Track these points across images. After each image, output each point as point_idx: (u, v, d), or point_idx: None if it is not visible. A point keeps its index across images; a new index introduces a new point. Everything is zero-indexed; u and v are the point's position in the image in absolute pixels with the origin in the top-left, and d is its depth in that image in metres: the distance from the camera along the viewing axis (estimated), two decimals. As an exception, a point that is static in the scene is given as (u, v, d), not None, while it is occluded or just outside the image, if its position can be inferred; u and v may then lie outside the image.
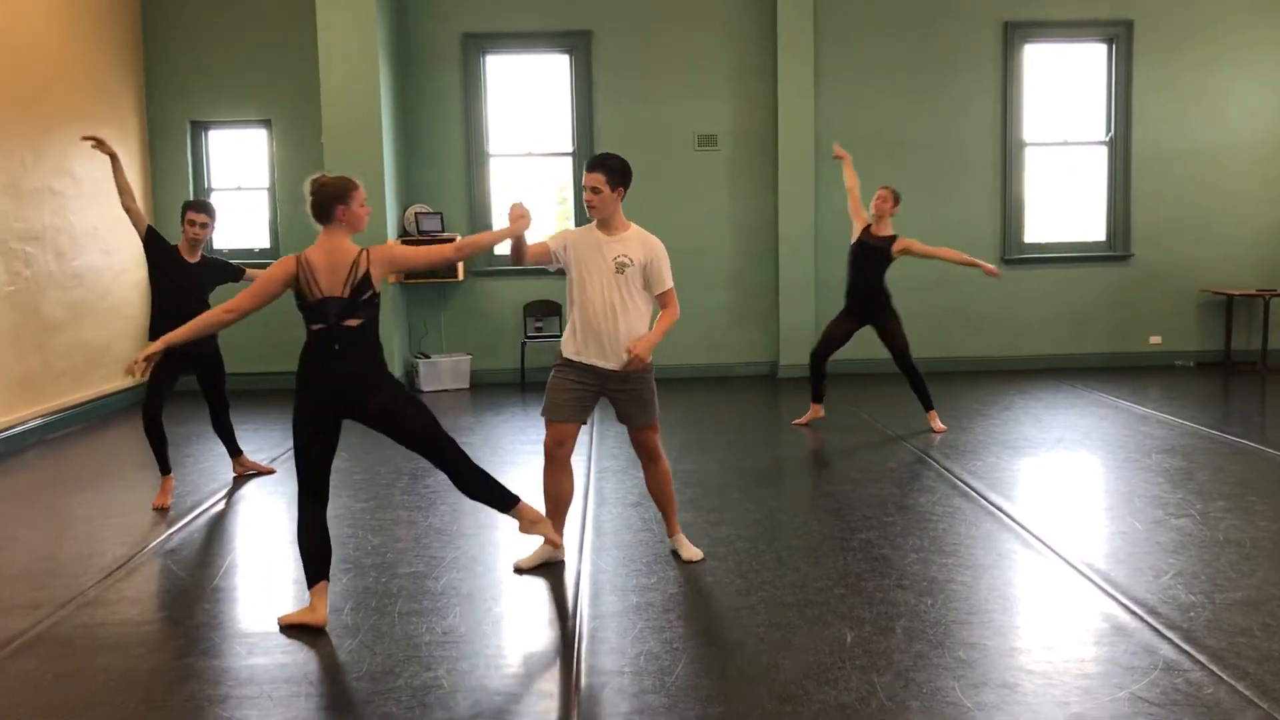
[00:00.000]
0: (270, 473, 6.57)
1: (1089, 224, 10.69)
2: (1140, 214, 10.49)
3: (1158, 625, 3.84)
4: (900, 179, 10.26)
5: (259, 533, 5.52)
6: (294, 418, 4.02)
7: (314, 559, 4.02)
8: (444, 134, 10.23)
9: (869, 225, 7.47)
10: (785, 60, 10.04)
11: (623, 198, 4.57)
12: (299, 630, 3.96)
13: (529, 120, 10.45)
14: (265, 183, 10.25)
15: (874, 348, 10.18)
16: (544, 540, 4.61)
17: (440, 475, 6.40)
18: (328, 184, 4.02)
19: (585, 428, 5.19)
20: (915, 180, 10.28)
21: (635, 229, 4.61)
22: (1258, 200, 10.51)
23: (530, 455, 6.86)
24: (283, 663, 3.69)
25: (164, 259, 6.03)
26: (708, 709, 3.26)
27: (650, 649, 3.74)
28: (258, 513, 5.84)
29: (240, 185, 10.33)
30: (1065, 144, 10.59)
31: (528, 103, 10.45)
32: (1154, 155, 10.41)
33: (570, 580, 4.50)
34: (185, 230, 6.01)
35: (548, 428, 4.58)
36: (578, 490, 5.95)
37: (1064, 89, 10.54)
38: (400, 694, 3.40)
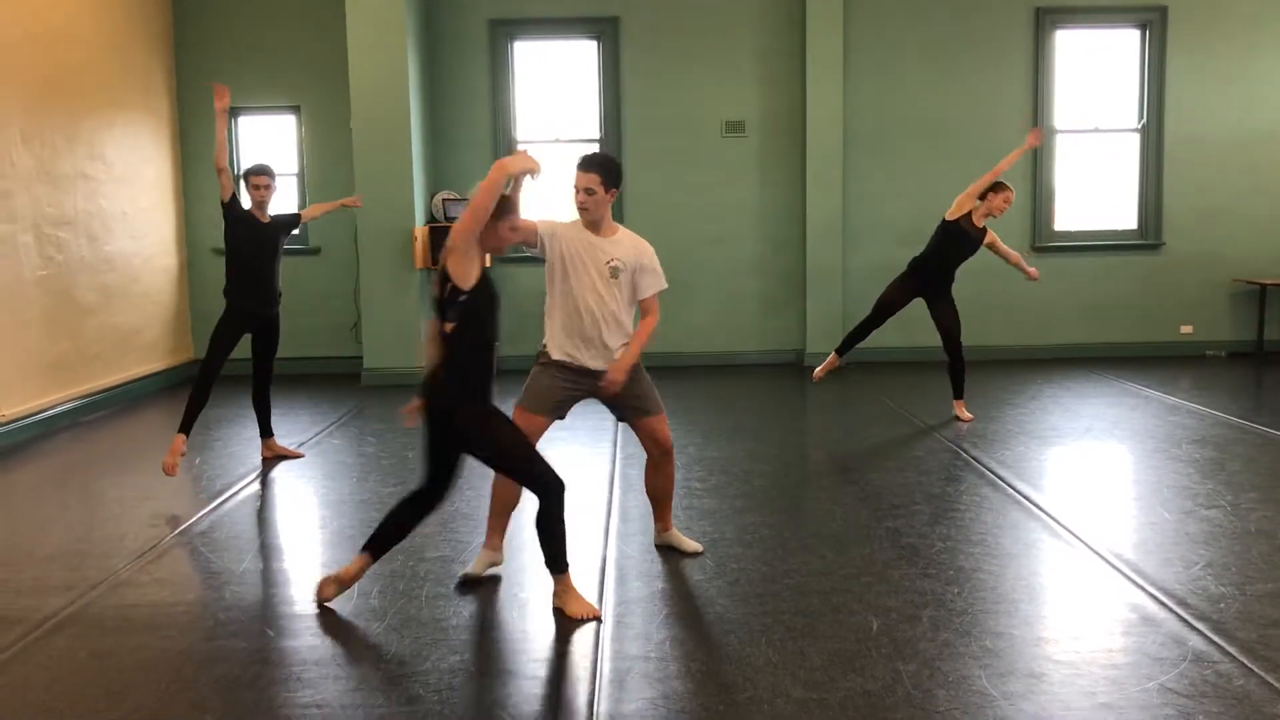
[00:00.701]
0: (298, 457, 6.61)
1: (1120, 212, 10.58)
2: (1172, 202, 10.38)
3: (1187, 616, 3.81)
4: (930, 165, 10.25)
5: (288, 516, 5.57)
6: None
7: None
8: (471, 120, 10.25)
9: (971, 213, 7.33)
10: (814, 46, 9.98)
11: (614, 199, 4.34)
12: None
13: (556, 106, 10.44)
14: (294, 168, 10.29)
15: (901, 336, 10.17)
16: (484, 547, 4.42)
17: (466, 460, 6.44)
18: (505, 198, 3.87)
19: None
20: (945, 167, 10.22)
21: (624, 231, 4.42)
22: (1292, 189, 10.38)
23: (555, 443, 6.88)
24: (312, 645, 3.72)
25: (242, 224, 6.34)
26: (733, 695, 3.27)
27: (675, 635, 3.75)
28: (287, 496, 5.88)
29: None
30: (1097, 131, 10.48)
31: (555, 89, 10.44)
32: (1187, 143, 10.29)
33: (596, 566, 4.52)
34: (252, 195, 6.33)
35: (518, 417, 4.31)
36: (604, 476, 5.97)
37: (1096, 75, 10.43)
38: (428, 677, 3.43)
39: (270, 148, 10.34)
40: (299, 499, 5.84)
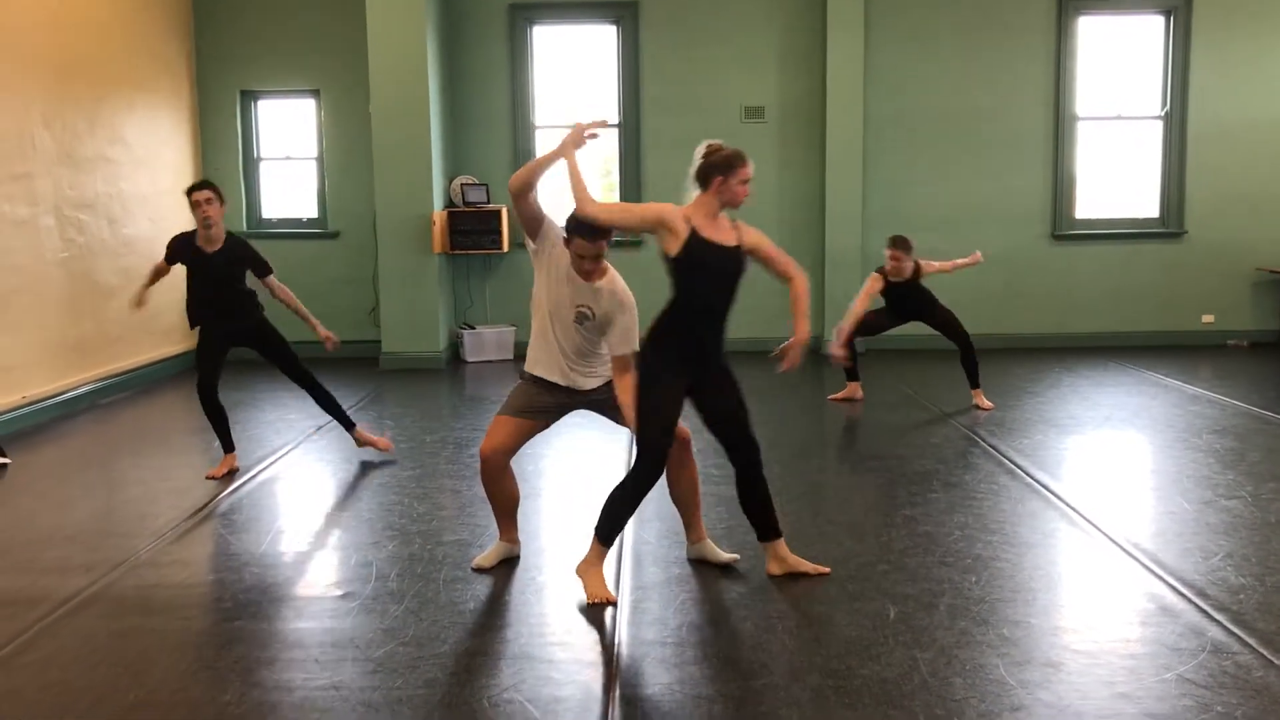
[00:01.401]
0: (387, 448, 6.25)
1: (1142, 200, 10.50)
2: (1195, 191, 10.29)
3: (1206, 607, 3.79)
4: (950, 151, 10.20)
5: (308, 499, 5.59)
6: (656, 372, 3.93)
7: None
8: (490, 105, 10.24)
9: (888, 275, 7.32)
10: (834, 31, 9.93)
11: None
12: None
13: (575, 91, 10.42)
14: (314, 152, 10.31)
15: (921, 324, 10.13)
16: (501, 540, 4.39)
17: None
18: (714, 153, 4.01)
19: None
20: (965, 153, 10.18)
21: (610, 276, 4.11)
22: (1317, 178, 10.29)
23: (570, 430, 6.89)
24: (330, 627, 3.75)
25: (187, 257, 5.85)
26: (749, 681, 3.28)
27: (692, 620, 3.76)
28: (307, 479, 5.91)
29: (289, 155, 10.41)
30: (1119, 118, 10.40)
31: (574, 74, 10.42)
32: (1210, 131, 10.20)
33: (613, 551, 4.52)
34: (194, 215, 5.77)
35: (491, 424, 4.24)
36: (620, 461, 5.96)
37: (1119, 62, 10.34)
38: (445, 659, 3.45)
39: (290, 132, 10.37)
40: (318, 482, 5.87)
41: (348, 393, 8.21)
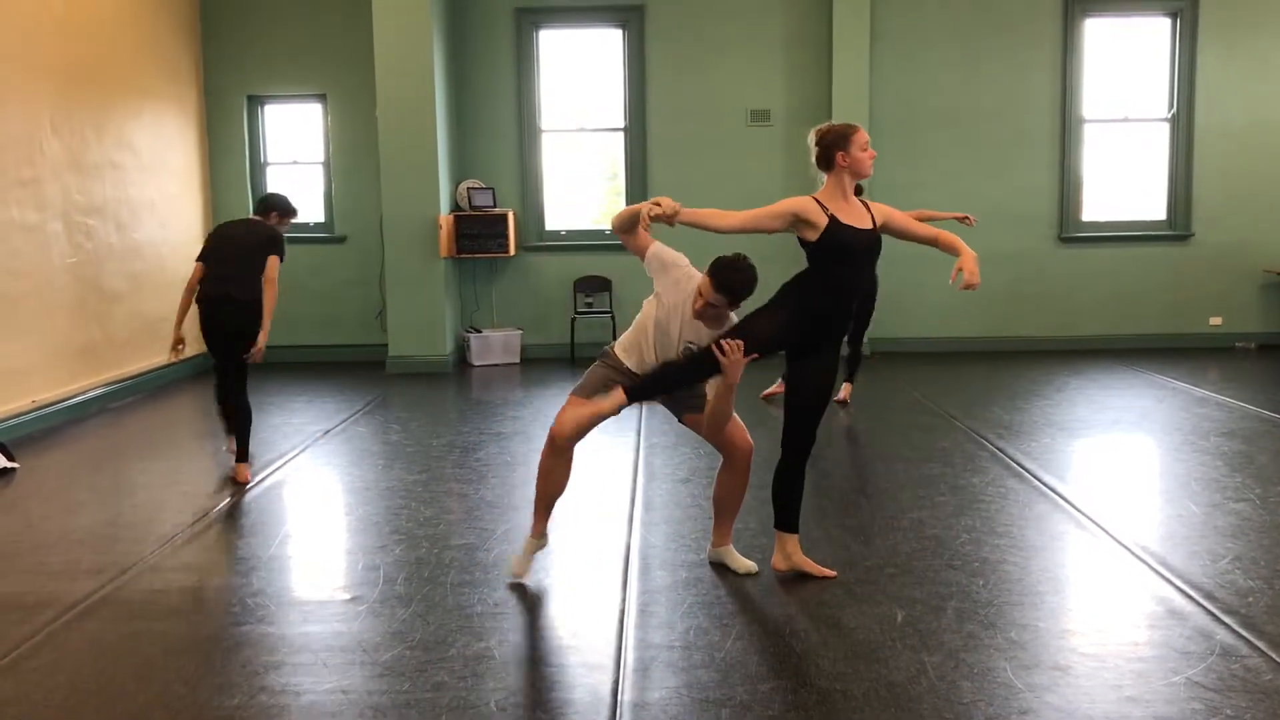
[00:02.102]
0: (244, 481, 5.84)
1: (1149, 202, 10.48)
2: (1202, 193, 10.27)
3: (1214, 610, 3.78)
4: (956, 154, 10.19)
5: (315, 503, 5.60)
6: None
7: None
8: (497, 109, 10.25)
9: None
10: (840, 35, 9.93)
11: None
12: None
13: (581, 95, 10.44)
14: (320, 157, 10.34)
15: (928, 327, 10.14)
16: (527, 539, 4.26)
17: (491, 449, 6.47)
18: (826, 132, 4.01)
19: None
20: (972, 156, 10.17)
21: (729, 318, 4.10)
22: (1325, 179, 10.26)
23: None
24: (337, 631, 3.75)
25: None
26: (757, 685, 3.27)
27: (700, 624, 3.75)
28: (314, 483, 5.92)
29: (296, 159, 10.43)
30: (1126, 120, 10.38)
31: (580, 77, 10.43)
32: (1217, 133, 10.18)
33: (620, 554, 4.52)
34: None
35: (567, 403, 4.13)
36: (627, 465, 5.97)
37: (1125, 64, 10.33)
38: (453, 663, 3.45)
39: (297, 136, 10.40)
40: (325, 486, 5.87)
41: (354, 396, 8.23)
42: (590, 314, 10.20)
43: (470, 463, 6.16)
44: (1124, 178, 10.49)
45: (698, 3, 10.11)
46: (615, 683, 3.32)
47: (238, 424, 5.86)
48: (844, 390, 7.62)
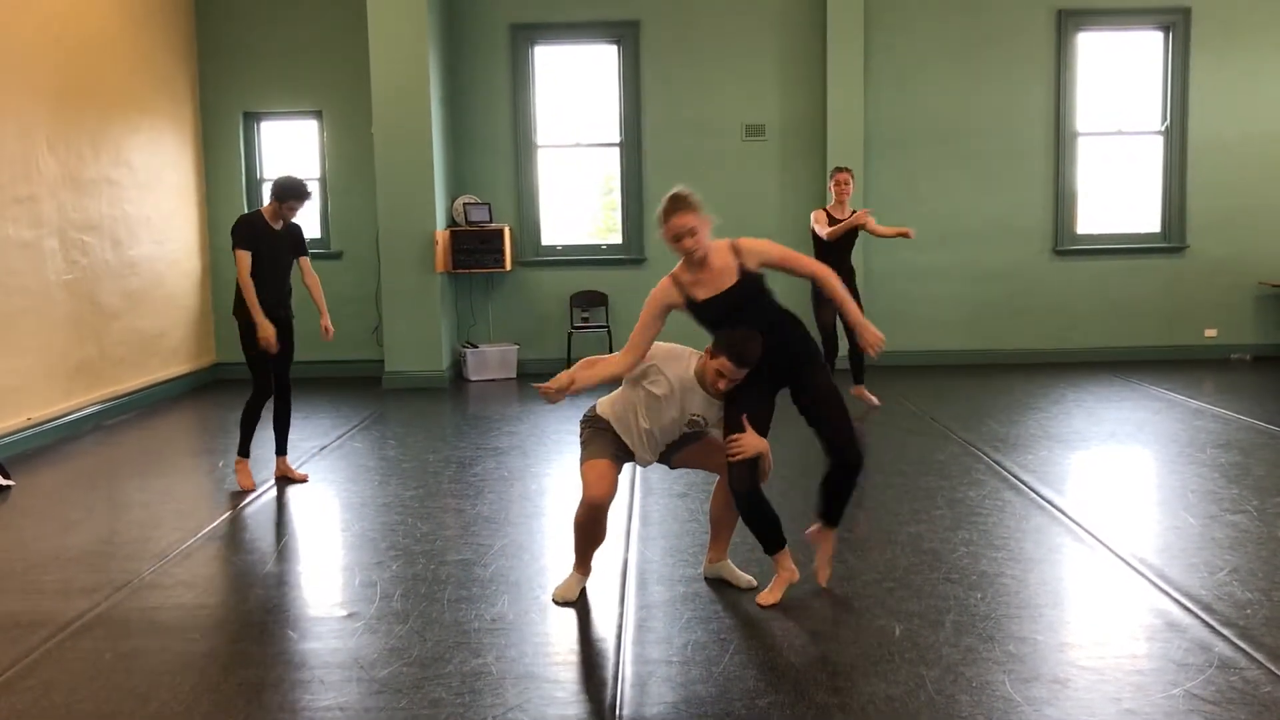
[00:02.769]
0: (302, 480, 6.20)
1: (1143, 215, 10.52)
2: (1196, 205, 10.31)
3: (1212, 622, 3.78)
4: (950, 168, 10.23)
5: (312, 519, 5.59)
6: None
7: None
8: (492, 125, 10.28)
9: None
10: (835, 50, 9.97)
11: None
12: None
13: (577, 111, 10.47)
14: (316, 173, 10.35)
15: (924, 340, 10.14)
16: (576, 571, 4.24)
17: (488, 464, 6.46)
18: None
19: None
20: (966, 170, 10.21)
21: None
22: (1318, 191, 10.30)
23: (576, 445, 6.88)
24: (335, 648, 3.74)
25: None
26: (755, 700, 3.27)
27: (697, 639, 3.75)
28: (310, 499, 5.91)
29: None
30: (1119, 134, 10.43)
31: (575, 93, 10.47)
32: (1211, 145, 10.22)
33: (618, 569, 4.52)
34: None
35: (589, 469, 4.05)
36: (624, 480, 5.95)
37: (1118, 78, 10.37)
38: (450, 680, 3.44)
39: (292, 153, 10.41)
40: (322, 502, 5.86)
41: (351, 412, 8.22)
42: (586, 329, 10.20)
43: (467, 478, 6.15)
44: (1118, 191, 10.53)
45: (692, 18, 10.16)
46: (613, 698, 3.31)
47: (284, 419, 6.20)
48: (858, 392, 7.90)
